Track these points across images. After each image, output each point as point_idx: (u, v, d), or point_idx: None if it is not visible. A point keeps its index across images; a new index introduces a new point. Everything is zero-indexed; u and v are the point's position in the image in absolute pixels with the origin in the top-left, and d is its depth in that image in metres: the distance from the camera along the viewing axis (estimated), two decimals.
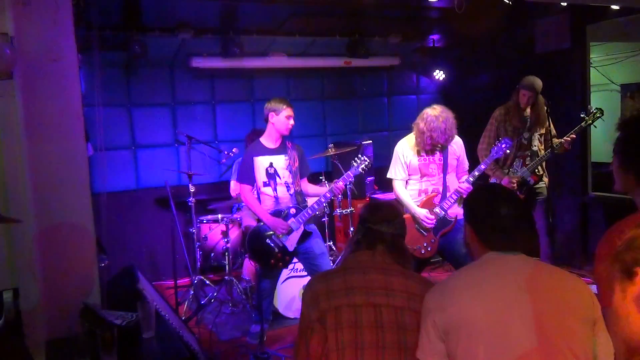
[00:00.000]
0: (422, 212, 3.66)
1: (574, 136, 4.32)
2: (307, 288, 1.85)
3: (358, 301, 1.71)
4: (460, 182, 3.70)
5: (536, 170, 4.43)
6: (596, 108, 4.29)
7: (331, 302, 1.73)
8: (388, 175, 3.88)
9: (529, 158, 4.43)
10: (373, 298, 1.71)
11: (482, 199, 1.75)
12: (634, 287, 1.01)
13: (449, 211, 3.66)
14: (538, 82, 4.34)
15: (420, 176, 3.75)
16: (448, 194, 3.68)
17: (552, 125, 4.47)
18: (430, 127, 3.58)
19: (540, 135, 4.49)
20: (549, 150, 4.33)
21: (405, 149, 3.77)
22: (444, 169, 3.72)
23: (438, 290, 1.61)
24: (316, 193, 3.91)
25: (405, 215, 3.80)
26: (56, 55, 2.34)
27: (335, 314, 1.71)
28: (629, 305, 1.01)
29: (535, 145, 4.46)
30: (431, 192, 3.72)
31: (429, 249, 3.71)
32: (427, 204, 3.70)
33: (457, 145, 3.80)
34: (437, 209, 3.66)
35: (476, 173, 3.66)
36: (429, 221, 3.64)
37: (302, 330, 1.78)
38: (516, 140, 4.39)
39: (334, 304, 1.72)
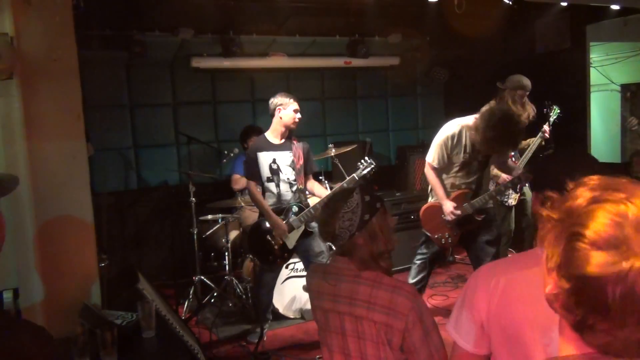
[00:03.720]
0: (449, 206, 3.62)
1: (549, 127, 4.44)
2: (306, 278, 2.01)
3: (326, 306, 1.80)
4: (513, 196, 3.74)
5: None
6: (555, 105, 4.49)
7: (312, 301, 1.90)
8: (427, 158, 3.71)
9: (515, 156, 4.49)
10: (337, 306, 1.75)
11: (559, 166, 1.45)
12: None
13: (480, 212, 3.66)
14: (527, 80, 4.39)
15: (458, 170, 3.66)
16: (481, 193, 3.68)
17: None
18: (491, 136, 3.30)
19: None
20: (537, 141, 4.42)
21: (452, 138, 3.58)
22: (483, 167, 3.69)
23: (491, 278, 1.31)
24: (320, 194, 3.90)
25: (433, 203, 3.78)
26: (56, 55, 2.34)
27: (314, 311, 1.88)
28: None
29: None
30: (464, 188, 3.68)
31: (449, 240, 3.72)
32: (458, 199, 3.65)
33: None
34: (465, 205, 3.62)
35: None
36: (452, 217, 3.61)
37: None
38: None
39: (314, 302, 1.89)
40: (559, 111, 4.47)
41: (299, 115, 3.78)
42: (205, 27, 5.17)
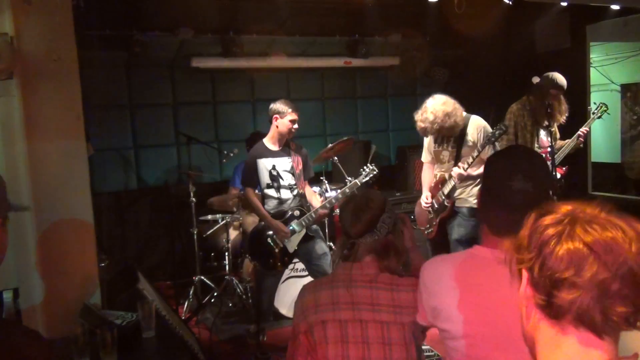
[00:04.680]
0: (423, 195, 3.83)
1: (588, 129, 4.34)
2: (298, 297, 1.85)
3: (344, 316, 1.70)
4: (455, 167, 3.64)
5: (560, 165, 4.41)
6: (601, 103, 4.40)
7: (318, 315, 1.73)
8: (421, 158, 4.11)
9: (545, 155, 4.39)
10: (359, 314, 1.69)
11: (496, 168, 1.45)
12: None
13: (449, 197, 3.70)
14: (563, 79, 4.30)
15: (436, 162, 3.87)
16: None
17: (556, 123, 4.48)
18: (420, 118, 3.69)
19: (550, 132, 4.45)
20: (572, 143, 4.33)
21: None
22: (456, 158, 3.71)
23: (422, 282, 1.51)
24: (310, 201, 3.92)
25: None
26: (56, 55, 2.34)
27: (322, 327, 1.72)
28: None
29: (548, 142, 4.43)
30: (439, 178, 3.81)
31: (430, 230, 3.83)
32: (435, 188, 3.81)
33: (473, 129, 3.70)
34: (439, 193, 3.74)
35: (470, 160, 3.57)
36: (423, 204, 3.82)
37: (292, 337, 1.81)
38: (532, 136, 4.37)
39: (321, 317, 1.73)
40: (605, 109, 4.40)
41: (295, 126, 3.75)
42: (205, 27, 5.17)
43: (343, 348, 1.68)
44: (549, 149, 4.32)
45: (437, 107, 3.62)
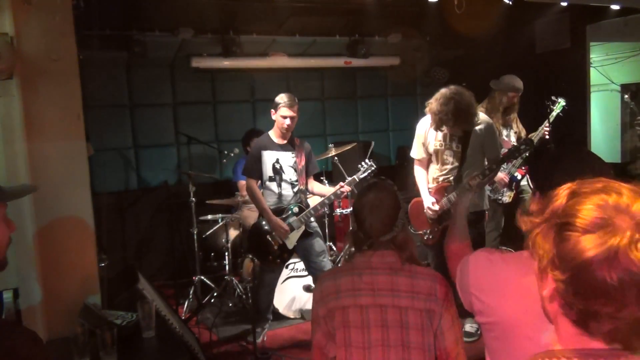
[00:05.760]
0: (427, 201, 3.60)
1: (549, 126, 4.36)
2: (317, 284, 1.91)
3: (365, 302, 1.76)
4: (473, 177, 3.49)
5: (521, 166, 4.46)
6: (557, 98, 4.42)
7: (339, 301, 1.79)
8: (410, 154, 3.87)
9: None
10: (379, 299, 1.75)
11: (565, 167, 1.39)
12: None
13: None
14: (519, 81, 4.38)
15: (436, 162, 3.66)
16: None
17: (519, 122, 4.56)
18: (439, 110, 3.38)
19: (515, 132, 4.53)
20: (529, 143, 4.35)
21: (425, 128, 3.69)
22: (461, 160, 3.54)
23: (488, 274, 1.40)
24: (321, 193, 3.90)
25: (419, 198, 3.74)
26: (56, 55, 2.34)
27: (342, 312, 1.77)
28: None
29: (513, 142, 4.48)
30: (443, 181, 3.61)
31: (430, 237, 3.68)
32: (438, 193, 3.61)
33: (481, 127, 3.54)
34: (444, 200, 3.52)
35: (487, 172, 3.44)
36: (430, 212, 3.58)
37: (314, 322, 1.87)
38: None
39: (342, 303, 1.78)
40: (564, 104, 4.38)
41: (287, 121, 3.70)
42: (205, 27, 5.17)
43: (364, 332, 1.75)
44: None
45: (459, 98, 3.34)
